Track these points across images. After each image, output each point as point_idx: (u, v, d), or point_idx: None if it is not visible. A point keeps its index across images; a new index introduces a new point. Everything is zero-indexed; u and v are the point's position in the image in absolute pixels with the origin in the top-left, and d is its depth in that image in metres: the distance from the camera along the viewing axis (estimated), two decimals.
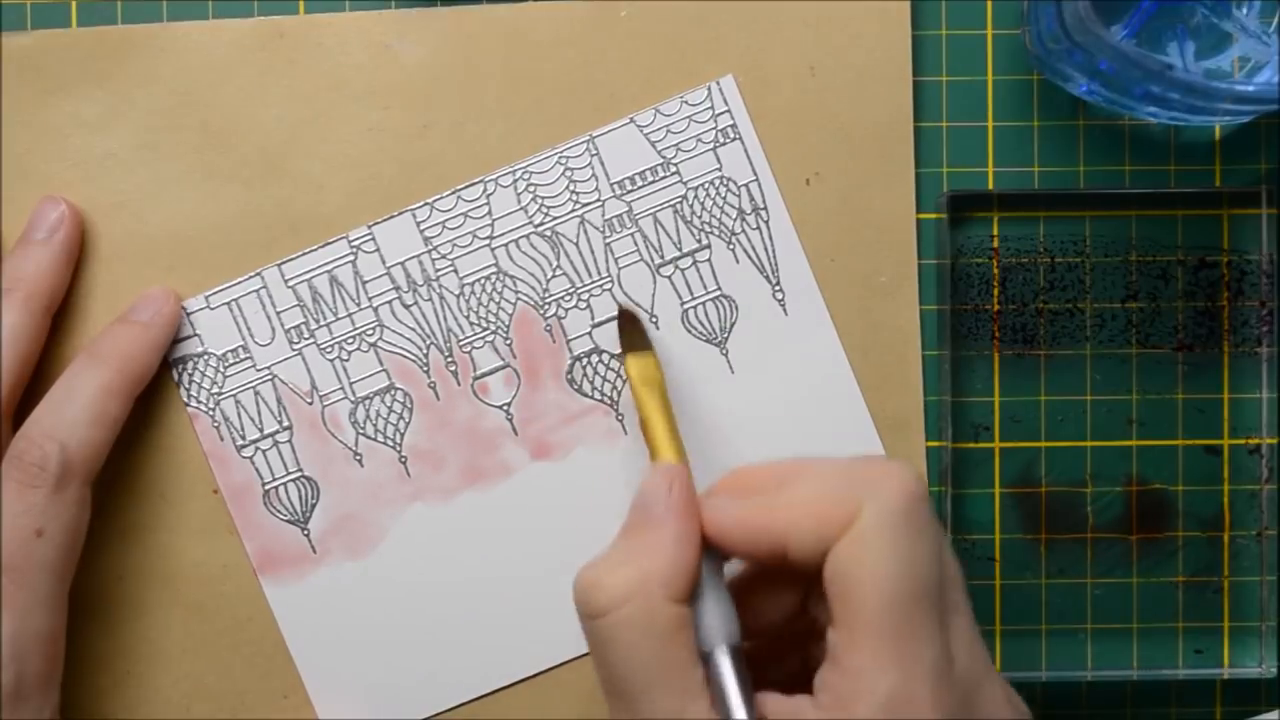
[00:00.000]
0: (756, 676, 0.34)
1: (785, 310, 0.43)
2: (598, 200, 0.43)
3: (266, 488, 0.43)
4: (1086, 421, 0.43)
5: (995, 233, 0.43)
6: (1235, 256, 0.43)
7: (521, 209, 0.43)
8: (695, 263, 0.43)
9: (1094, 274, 0.43)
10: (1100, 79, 0.40)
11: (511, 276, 0.43)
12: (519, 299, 0.43)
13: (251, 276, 0.43)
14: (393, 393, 0.43)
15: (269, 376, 0.43)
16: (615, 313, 0.42)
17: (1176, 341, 0.43)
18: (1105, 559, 0.43)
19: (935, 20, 0.43)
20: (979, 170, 0.43)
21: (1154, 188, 0.43)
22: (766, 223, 0.43)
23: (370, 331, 0.43)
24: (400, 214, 0.43)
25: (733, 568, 0.35)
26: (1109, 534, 0.43)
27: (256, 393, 0.43)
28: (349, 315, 0.43)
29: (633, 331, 0.40)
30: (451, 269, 0.43)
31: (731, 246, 0.43)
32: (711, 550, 0.34)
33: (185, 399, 0.43)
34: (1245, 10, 0.41)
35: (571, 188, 0.43)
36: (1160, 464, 0.43)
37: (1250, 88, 0.38)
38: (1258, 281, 0.43)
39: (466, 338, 0.43)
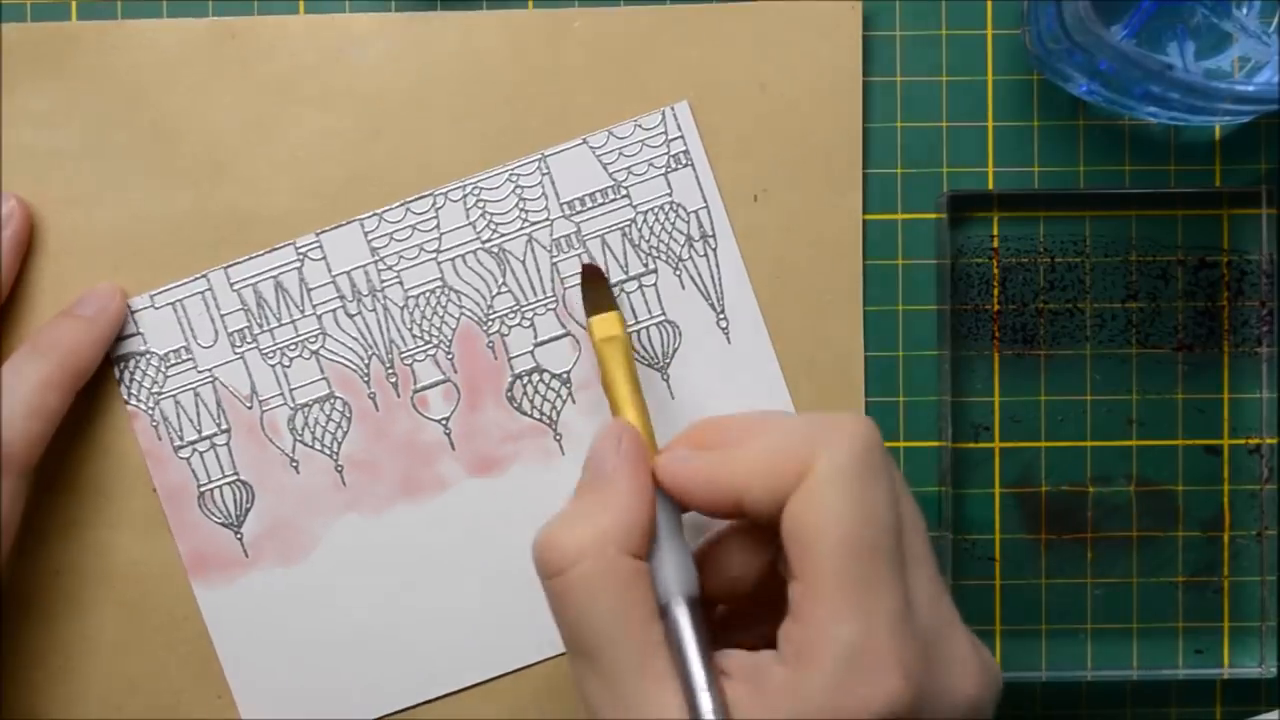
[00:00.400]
0: (728, 642, 0.34)
1: (728, 339, 0.43)
2: (546, 219, 0.42)
3: (202, 490, 0.43)
4: (1086, 421, 0.43)
5: (995, 233, 0.43)
6: (1235, 256, 0.43)
7: (470, 224, 0.42)
8: (641, 287, 0.43)
9: (1094, 274, 0.43)
10: (1100, 79, 0.40)
11: (456, 291, 0.42)
12: (463, 314, 0.43)
13: (197, 278, 0.42)
14: (332, 401, 0.43)
15: (210, 379, 0.42)
16: (579, 270, 0.42)
17: (1176, 341, 0.43)
18: (1105, 559, 0.43)
19: (935, 20, 0.43)
20: (979, 170, 0.43)
21: (1154, 188, 0.43)
22: (714, 250, 0.43)
23: (313, 339, 0.42)
24: (348, 223, 0.42)
25: (693, 524, 0.35)
26: (1109, 534, 0.43)
27: (196, 394, 0.42)
28: (292, 322, 0.42)
29: (597, 290, 0.40)
30: (397, 281, 0.42)
31: (678, 272, 0.43)
32: (669, 503, 0.34)
33: (125, 397, 0.42)
34: (1245, 10, 0.41)
35: (521, 205, 0.42)
36: (1160, 464, 0.43)
37: (1250, 88, 0.38)
38: (1258, 281, 0.43)
39: (408, 350, 0.43)
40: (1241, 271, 0.43)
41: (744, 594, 0.35)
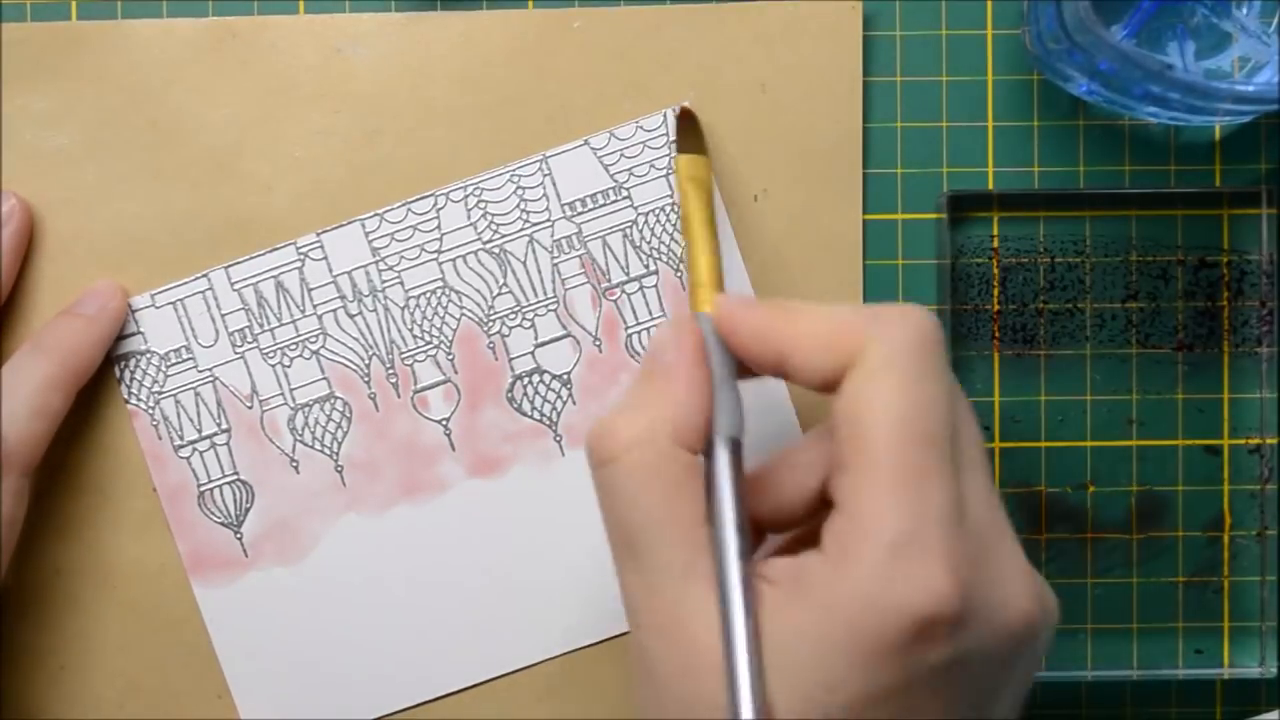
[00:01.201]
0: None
1: None
2: (548, 220, 0.42)
3: (202, 489, 0.42)
4: (1086, 421, 0.43)
5: (995, 233, 0.43)
6: (1235, 256, 0.43)
7: (471, 225, 0.42)
8: (642, 288, 0.43)
9: (1094, 274, 0.43)
10: (1100, 79, 0.40)
11: (457, 292, 0.42)
12: (463, 315, 0.43)
13: (198, 278, 0.42)
14: (332, 401, 0.43)
15: (210, 378, 0.42)
16: (677, 111, 0.42)
17: (1176, 341, 0.43)
18: (1105, 559, 0.43)
19: (935, 20, 0.43)
20: (979, 170, 0.43)
21: (1154, 188, 0.43)
22: None
23: (313, 339, 0.42)
24: (349, 223, 0.42)
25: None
26: (1109, 534, 0.43)
27: (197, 394, 0.42)
28: (293, 321, 0.42)
29: (692, 132, 0.40)
30: (398, 281, 0.42)
31: (679, 274, 0.43)
32: (724, 349, 0.33)
33: (126, 396, 0.42)
34: (1245, 10, 0.41)
35: (522, 206, 0.42)
36: (1160, 464, 0.43)
37: (1250, 88, 0.38)
38: (1258, 281, 0.43)
39: (409, 350, 0.43)
40: (1241, 271, 0.43)
41: (794, 521, 0.33)
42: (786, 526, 0.34)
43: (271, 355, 0.43)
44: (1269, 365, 0.43)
